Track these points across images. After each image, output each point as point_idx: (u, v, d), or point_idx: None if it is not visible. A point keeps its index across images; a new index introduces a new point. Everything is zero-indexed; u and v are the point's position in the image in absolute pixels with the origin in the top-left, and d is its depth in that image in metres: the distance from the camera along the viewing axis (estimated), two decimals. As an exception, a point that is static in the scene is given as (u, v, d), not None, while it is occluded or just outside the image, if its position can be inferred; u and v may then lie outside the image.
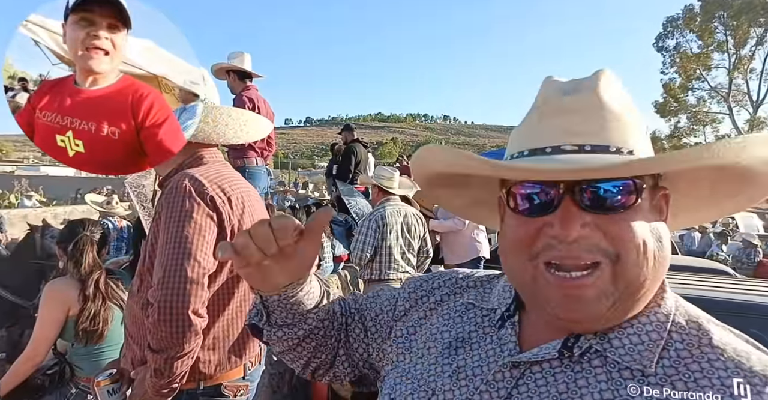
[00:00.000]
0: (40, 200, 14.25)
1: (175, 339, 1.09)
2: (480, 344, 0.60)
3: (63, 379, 1.78)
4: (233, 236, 1.25)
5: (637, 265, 0.49)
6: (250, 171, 3.43)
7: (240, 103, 3.39)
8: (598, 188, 0.49)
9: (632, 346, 0.51)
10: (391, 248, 3.11)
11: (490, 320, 0.63)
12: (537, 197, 0.52)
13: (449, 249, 4.22)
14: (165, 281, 1.10)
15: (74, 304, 1.80)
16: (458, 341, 0.62)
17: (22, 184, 16.66)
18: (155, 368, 1.10)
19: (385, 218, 3.11)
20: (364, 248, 3.07)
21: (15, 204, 12.87)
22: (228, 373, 1.26)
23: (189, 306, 1.10)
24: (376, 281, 3.13)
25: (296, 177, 29.95)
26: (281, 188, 11.97)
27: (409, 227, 3.23)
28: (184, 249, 1.12)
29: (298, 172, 41.59)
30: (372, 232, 3.09)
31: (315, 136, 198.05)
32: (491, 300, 0.65)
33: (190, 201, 1.16)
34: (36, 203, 12.89)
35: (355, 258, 3.13)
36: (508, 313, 0.61)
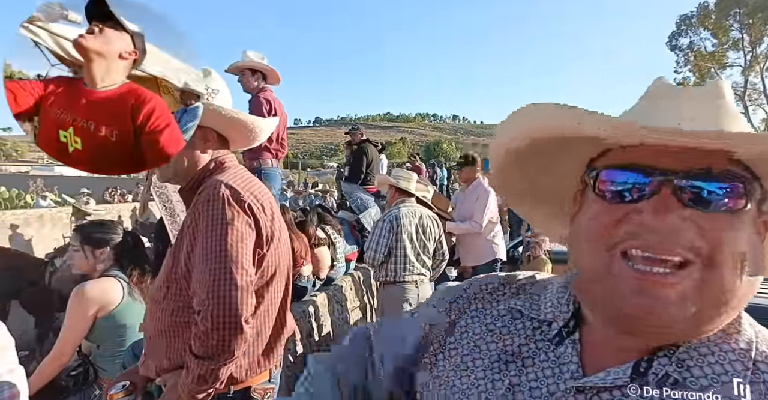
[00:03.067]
0: (55, 199, 14.47)
1: (227, 347, 1.10)
2: (534, 360, 0.54)
3: (87, 380, 1.81)
4: (267, 242, 1.26)
5: (730, 274, 0.44)
6: (266, 172, 3.45)
7: (257, 104, 3.40)
8: (701, 189, 0.44)
9: (715, 376, 0.45)
10: (406, 249, 3.09)
11: (544, 334, 0.56)
12: (631, 183, 0.47)
13: (465, 251, 4.20)
14: (215, 289, 1.11)
15: (103, 305, 1.82)
16: (508, 354, 0.56)
17: (38, 184, 16.93)
18: (200, 374, 1.11)
19: (399, 219, 3.10)
20: (378, 249, 3.06)
21: (30, 204, 13.07)
22: (256, 377, 1.27)
23: (241, 314, 1.12)
24: (391, 283, 3.12)
25: (305, 177, 30.09)
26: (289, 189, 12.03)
27: (423, 229, 3.21)
28: (230, 257, 1.13)
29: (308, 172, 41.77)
30: (386, 232, 3.08)
31: (324, 137, 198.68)
32: (543, 310, 0.58)
33: (230, 209, 1.17)
34: (51, 202, 13.10)
35: (368, 258, 3.12)
36: (568, 329, 0.54)
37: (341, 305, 4.04)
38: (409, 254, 3.10)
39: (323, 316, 3.52)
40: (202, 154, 1.32)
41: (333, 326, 3.69)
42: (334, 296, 3.88)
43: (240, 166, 1.37)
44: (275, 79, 3.64)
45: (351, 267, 4.89)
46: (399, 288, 3.10)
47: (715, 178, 0.44)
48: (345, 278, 4.45)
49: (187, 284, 1.20)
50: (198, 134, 1.30)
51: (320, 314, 3.46)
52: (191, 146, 1.28)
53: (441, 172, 12.14)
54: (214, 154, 1.33)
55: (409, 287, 3.10)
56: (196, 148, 1.30)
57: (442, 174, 12.11)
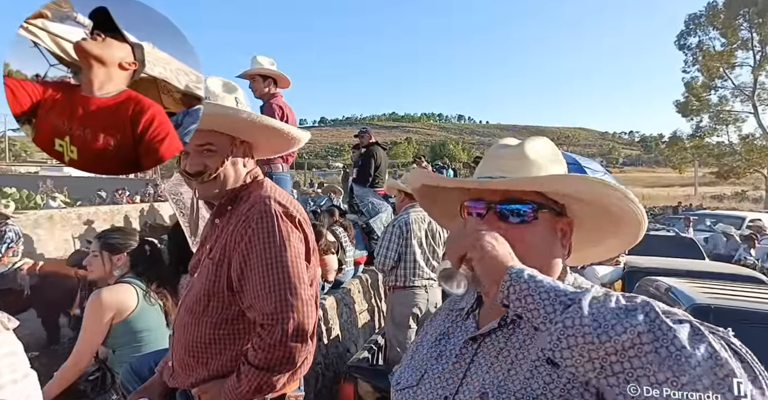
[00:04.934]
0: (65, 200, 14.59)
1: (291, 358, 1.14)
2: (455, 333, 0.85)
3: (105, 385, 1.83)
4: (310, 255, 1.31)
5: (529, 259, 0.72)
6: (277, 177, 3.46)
7: (270, 110, 3.42)
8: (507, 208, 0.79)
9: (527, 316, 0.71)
10: (415, 254, 3.10)
11: (460, 317, 0.87)
12: (475, 210, 0.82)
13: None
14: (283, 304, 1.15)
15: (119, 311, 1.86)
16: (441, 335, 0.86)
17: (47, 185, 17.08)
18: (258, 384, 1.14)
19: (409, 224, 3.11)
20: (388, 254, 3.08)
21: (41, 205, 13.19)
22: (291, 384, 1.28)
23: (309, 328, 1.16)
24: (401, 288, 3.13)
25: (311, 177, 30.14)
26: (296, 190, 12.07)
27: (433, 234, 3.22)
28: (293, 272, 1.18)
29: (313, 172, 41.82)
30: (396, 238, 3.09)
31: (329, 137, 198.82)
32: (463, 303, 0.90)
33: (284, 225, 1.21)
34: (61, 204, 13.21)
35: (378, 264, 3.13)
36: (471, 308, 0.86)
37: (349, 307, 4.06)
38: (419, 259, 3.11)
39: (332, 319, 3.54)
40: (243, 169, 1.34)
41: (341, 328, 3.71)
42: (342, 298, 3.90)
43: (266, 178, 1.40)
44: (285, 83, 3.67)
45: (359, 270, 4.91)
46: (409, 293, 3.11)
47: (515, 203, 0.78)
48: (353, 280, 4.47)
49: (232, 298, 1.22)
50: (241, 150, 1.32)
51: (329, 317, 3.48)
52: (233, 164, 1.30)
53: (447, 173, 12.19)
54: (251, 167, 1.36)
55: (419, 292, 3.11)
56: (238, 165, 1.32)
57: (448, 175, 12.14)
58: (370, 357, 2.89)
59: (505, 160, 0.82)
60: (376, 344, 3.11)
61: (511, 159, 0.82)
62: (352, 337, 3.95)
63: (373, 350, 3.00)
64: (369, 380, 2.43)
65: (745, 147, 28.68)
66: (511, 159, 0.82)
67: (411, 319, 3.08)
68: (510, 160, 0.82)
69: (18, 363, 1.17)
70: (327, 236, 4.03)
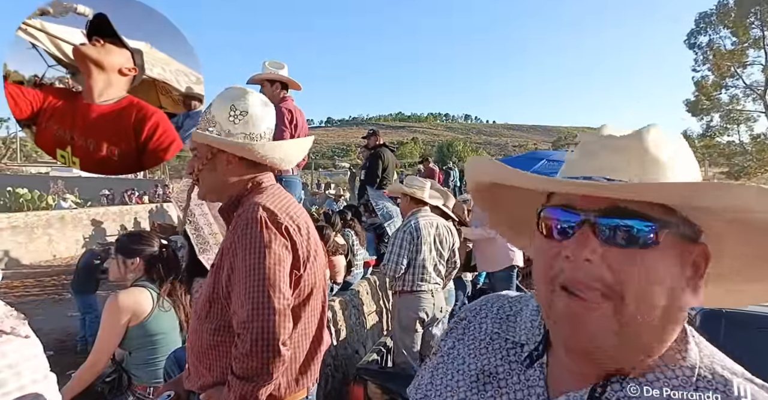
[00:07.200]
0: (76, 201, 14.76)
1: (266, 369, 1.13)
2: (508, 381, 0.60)
3: (121, 387, 1.87)
4: (304, 263, 1.29)
5: (642, 307, 0.48)
6: (287, 180, 3.50)
7: (279, 114, 3.45)
8: (615, 226, 0.50)
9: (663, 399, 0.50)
10: (425, 260, 3.11)
11: (517, 356, 0.62)
12: (560, 222, 0.53)
13: (482, 256, 4.21)
14: (254, 313, 1.14)
15: (136, 314, 1.89)
16: (485, 374, 0.62)
17: (58, 185, 17.28)
18: (241, 394, 1.14)
19: (419, 230, 3.12)
20: (399, 261, 3.08)
21: (52, 205, 13.35)
22: (295, 394, 1.30)
23: (279, 338, 1.14)
24: (407, 292, 3.14)
25: (318, 177, 30.21)
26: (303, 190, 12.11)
27: (441, 239, 3.23)
28: (268, 281, 1.16)
29: (320, 173, 41.91)
30: (407, 244, 3.10)
31: (336, 137, 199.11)
32: (518, 332, 0.64)
33: (267, 232, 1.19)
34: (72, 204, 13.37)
35: (389, 271, 3.12)
36: (537, 352, 0.60)
37: (358, 309, 4.08)
38: (428, 265, 3.12)
39: (340, 321, 3.56)
40: (230, 177, 1.33)
41: (350, 330, 3.73)
42: (351, 300, 3.92)
43: (277, 185, 1.40)
44: (295, 86, 3.70)
45: (368, 272, 4.93)
46: (415, 297, 3.12)
47: (627, 216, 0.50)
48: (362, 282, 4.49)
49: (227, 304, 1.23)
50: (221, 158, 1.31)
51: (337, 319, 3.50)
52: (213, 169, 1.31)
53: (454, 173, 12.17)
54: (250, 174, 1.35)
55: (425, 296, 3.13)
56: (219, 172, 1.32)
57: (455, 175, 12.13)
58: (379, 359, 2.91)
59: (615, 157, 0.54)
60: (384, 347, 3.13)
61: (623, 155, 0.54)
62: (360, 338, 3.97)
63: (382, 352, 3.02)
64: (378, 383, 2.45)
65: (757, 147, 28.29)
66: (624, 155, 0.54)
67: (417, 323, 3.10)
68: (621, 157, 0.54)
69: (39, 365, 1.21)
70: (336, 238, 4.05)
